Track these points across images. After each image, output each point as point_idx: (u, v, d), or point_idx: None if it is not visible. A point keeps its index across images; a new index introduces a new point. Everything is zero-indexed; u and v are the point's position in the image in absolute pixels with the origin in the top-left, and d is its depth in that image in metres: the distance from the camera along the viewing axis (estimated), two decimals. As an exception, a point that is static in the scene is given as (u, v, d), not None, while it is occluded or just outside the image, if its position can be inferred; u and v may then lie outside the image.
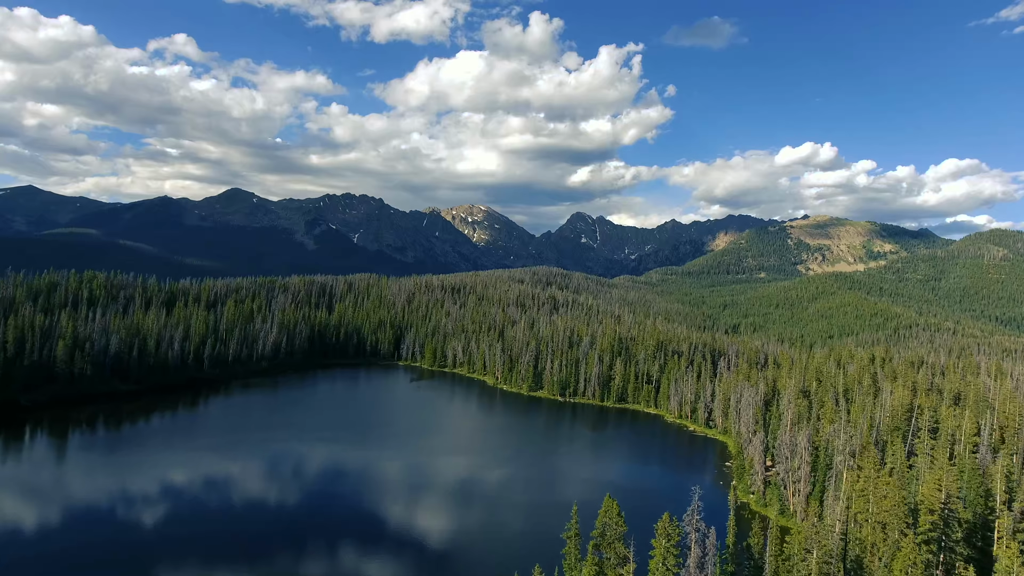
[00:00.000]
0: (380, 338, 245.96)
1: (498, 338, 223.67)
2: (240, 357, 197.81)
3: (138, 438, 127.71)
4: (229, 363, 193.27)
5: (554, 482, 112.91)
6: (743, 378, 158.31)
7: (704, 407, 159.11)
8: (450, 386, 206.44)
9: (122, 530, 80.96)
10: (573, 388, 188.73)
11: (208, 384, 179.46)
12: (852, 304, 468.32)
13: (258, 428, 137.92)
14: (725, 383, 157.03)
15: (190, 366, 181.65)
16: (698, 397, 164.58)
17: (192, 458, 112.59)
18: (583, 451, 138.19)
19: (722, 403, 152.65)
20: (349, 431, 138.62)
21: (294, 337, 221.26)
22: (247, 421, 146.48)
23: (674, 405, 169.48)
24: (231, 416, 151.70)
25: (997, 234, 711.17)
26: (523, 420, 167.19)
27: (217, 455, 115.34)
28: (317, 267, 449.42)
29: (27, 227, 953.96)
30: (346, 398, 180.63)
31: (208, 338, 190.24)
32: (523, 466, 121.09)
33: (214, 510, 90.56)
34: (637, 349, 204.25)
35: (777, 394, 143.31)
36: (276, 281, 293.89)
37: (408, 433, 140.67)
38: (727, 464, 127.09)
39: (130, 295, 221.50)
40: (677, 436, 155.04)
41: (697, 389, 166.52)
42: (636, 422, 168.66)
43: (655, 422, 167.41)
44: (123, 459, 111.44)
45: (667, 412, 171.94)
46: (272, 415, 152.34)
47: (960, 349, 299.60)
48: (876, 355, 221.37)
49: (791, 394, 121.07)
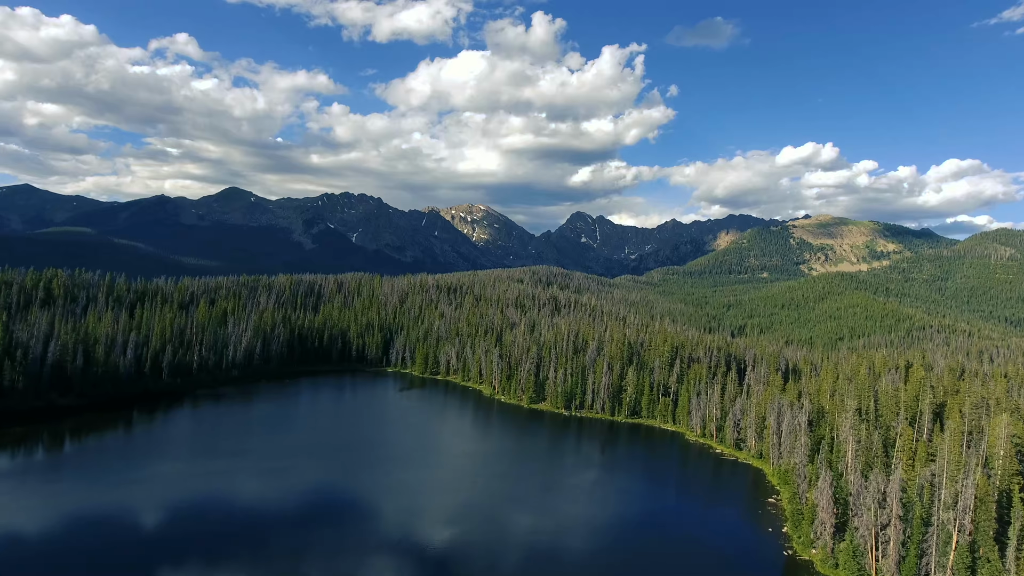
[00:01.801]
0: (368, 342, 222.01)
1: (495, 343, 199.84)
2: (207, 365, 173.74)
3: (47, 467, 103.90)
4: (194, 372, 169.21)
5: (560, 528, 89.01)
6: (777, 391, 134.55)
7: (733, 425, 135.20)
8: (442, 397, 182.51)
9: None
10: (579, 400, 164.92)
11: (167, 396, 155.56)
12: (861, 305, 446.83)
13: (200, 454, 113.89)
14: (759, 399, 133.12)
15: (146, 376, 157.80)
16: (725, 413, 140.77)
17: (92, 496, 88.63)
18: (594, 482, 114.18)
19: (755, 422, 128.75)
20: (310, 459, 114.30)
21: (271, 341, 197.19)
22: (190, 444, 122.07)
23: (696, 422, 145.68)
24: (175, 438, 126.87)
25: (1003, 233, 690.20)
26: (523, 441, 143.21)
27: (126, 493, 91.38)
28: (314, 266, 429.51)
29: (23, 226, 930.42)
30: (319, 412, 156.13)
31: (169, 344, 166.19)
32: (521, 505, 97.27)
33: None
34: (650, 356, 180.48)
35: (823, 413, 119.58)
36: (260, 280, 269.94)
37: (383, 462, 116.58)
38: (771, 500, 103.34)
39: (93, 295, 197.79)
40: (701, 459, 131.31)
41: (723, 404, 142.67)
42: (652, 441, 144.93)
43: (674, 441, 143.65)
44: (28, 490, 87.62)
45: (688, 429, 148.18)
46: (225, 436, 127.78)
47: (986, 354, 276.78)
48: (912, 362, 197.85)
49: (850, 419, 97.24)
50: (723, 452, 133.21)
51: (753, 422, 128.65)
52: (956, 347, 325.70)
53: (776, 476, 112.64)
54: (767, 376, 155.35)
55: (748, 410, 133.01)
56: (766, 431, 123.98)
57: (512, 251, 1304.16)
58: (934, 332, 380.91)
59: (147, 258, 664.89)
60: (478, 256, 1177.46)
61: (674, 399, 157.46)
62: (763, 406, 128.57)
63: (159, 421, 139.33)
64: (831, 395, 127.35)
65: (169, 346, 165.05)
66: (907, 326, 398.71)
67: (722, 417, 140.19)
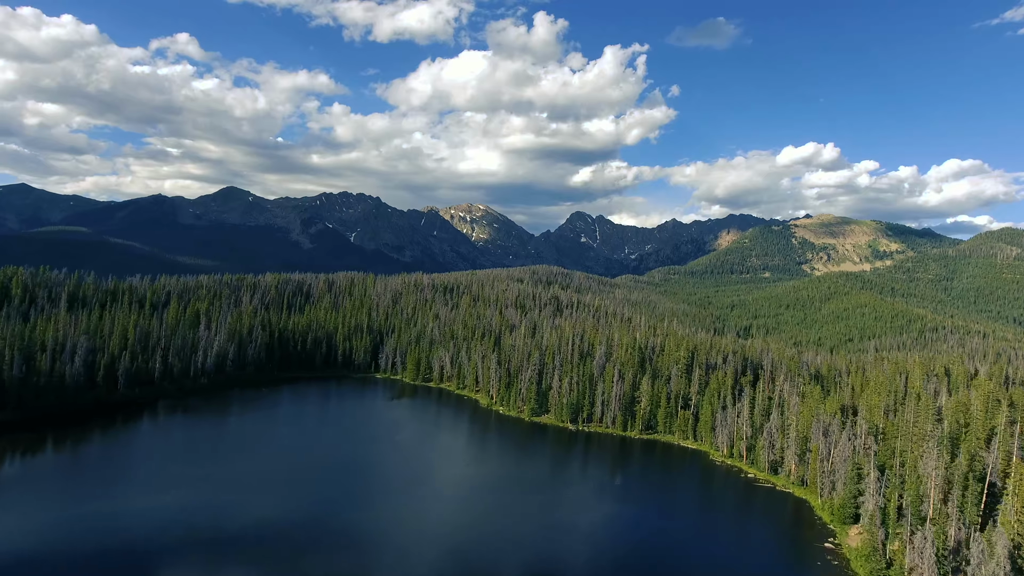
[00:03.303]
0: (355, 345, 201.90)
1: (494, 347, 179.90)
2: (172, 372, 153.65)
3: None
4: (156, 381, 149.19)
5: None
6: (816, 403, 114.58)
7: (767, 444, 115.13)
8: (435, 408, 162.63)
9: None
10: (587, 413, 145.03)
11: (124, 409, 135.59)
12: (869, 305, 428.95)
13: (138, 484, 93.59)
14: (796, 414, 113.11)
15: (99, 386, 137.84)
16: (757, 430, 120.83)
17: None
18: (607, 519, 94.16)
19: (796, 442, 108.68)
20: (268, 490, 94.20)
21: (247, 345, 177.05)
22: (127, 471, 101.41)
23: (722, 439, 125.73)
24: (112, 463, 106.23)
25: (1009, 232, 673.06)
26: (523, 463, 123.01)
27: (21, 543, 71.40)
28: (312, 266, 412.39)
29: (19, 225, 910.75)
30: (292, 428, 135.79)
31: (127, 350, 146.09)
32: (520, 552, 77.38)
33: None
34: (664, 362, 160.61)
35: (880, 433, 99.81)
36: (245, 279, 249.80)
37: (358, 495, 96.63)
38: (827, 545, 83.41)
39: (56, 295, 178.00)
40: (732, 486, 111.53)
41: (754, 419, 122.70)
42: (672, 462, 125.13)
43: (696, 461, 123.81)
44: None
45: (712, 448, 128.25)
46: (174, 459, 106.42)
47: (1004, 356, 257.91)
48: (951, 368, 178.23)
49: (933, 451, 77.39)
50: (756, 477, 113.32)
51: (793, 443, 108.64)
52: (972, 349, 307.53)
53: (828, 511, 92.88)
54: (799, 385, 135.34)
55: (786, 428, 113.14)
56: (810, 454, 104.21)
57: (512, 251, 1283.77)
58: (947, 333, 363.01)
59: (142, 258, 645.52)
60: (477, 256, 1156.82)
61: (695, 412, 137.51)
62: (805, 423, 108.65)
63: (100, 440, 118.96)
64: (886, 412, 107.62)
65: (127, 352, 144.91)
66: (918, 327, 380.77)
67: (753, 435, 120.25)
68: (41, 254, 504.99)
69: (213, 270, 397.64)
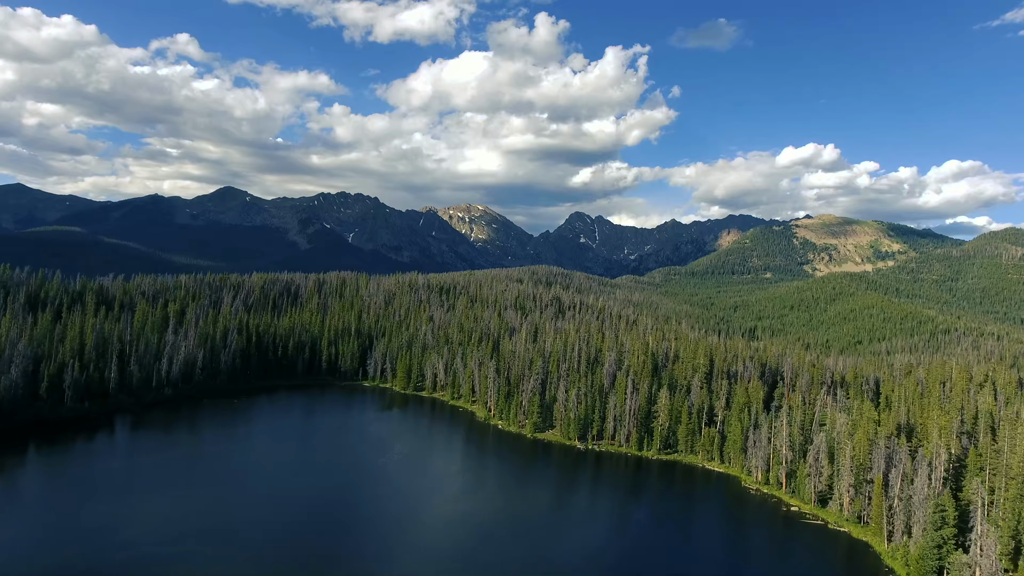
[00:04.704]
0: (342, 351, 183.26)
1: (492, 353, 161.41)
2: (130, 383, 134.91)
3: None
4: (111, 392, 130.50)
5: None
6: (870, 422, 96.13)
7: (813, 472, 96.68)
8: (427, 422, 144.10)
9: None
10: (598, 429, 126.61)
11: (73, 425, 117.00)
12: (877, 306, 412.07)
13: (51, 529, 75.14)
14: (853, 438, 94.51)
15: (42, 400, 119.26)
16: (799, 453, 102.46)
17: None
18: (626, 561, 75.78)
19: (851, 471, 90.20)
20: (214, 540, 75.98)
21: (219, 352, 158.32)
22: (40, 509, 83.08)
23: (756, 463, 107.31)
24: (27, 496, 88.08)
25: (1013, 233, 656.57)
26: (526, 494, 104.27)
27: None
28: (309, 266, 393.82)
29: (14, 225, 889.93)
30: (259, 450, 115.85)
31: (76, 357, 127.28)
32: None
33: None
34: (681, 370, 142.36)
35: (958, 465, 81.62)
36: (228, 278, 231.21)
37: (323, 547, 78.18)
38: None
39: (15, 295, 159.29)
40: (770, 519, 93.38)
41: (793, 438, 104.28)
42: (696, 488, 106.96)
43: (726, 488, 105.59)
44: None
45: (743, 472, 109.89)
46: (105, 493, 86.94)
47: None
48: (992, 376, 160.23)
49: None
50: (800, 510, 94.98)
51: (847, 471, 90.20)
52: (988, 352, 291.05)
53: (900, 561, 74.61)
54: (843, 399, 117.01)
55: (835, 451, 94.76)
56: (868, 484, 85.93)
57: (510, 251, 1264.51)
58: (960, 336, 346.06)
59: (137, 257, 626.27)
60: (476, 256, 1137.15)
61: (721, 430, 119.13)
62: (861, 448, 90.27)
63: (29, 465, 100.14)
64: (958, 435, 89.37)
65: (76, 360, 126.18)
66: (929, 329, 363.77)
67: (794, 459, 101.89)
68: (33, 254, 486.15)
69: (209, 270, 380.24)
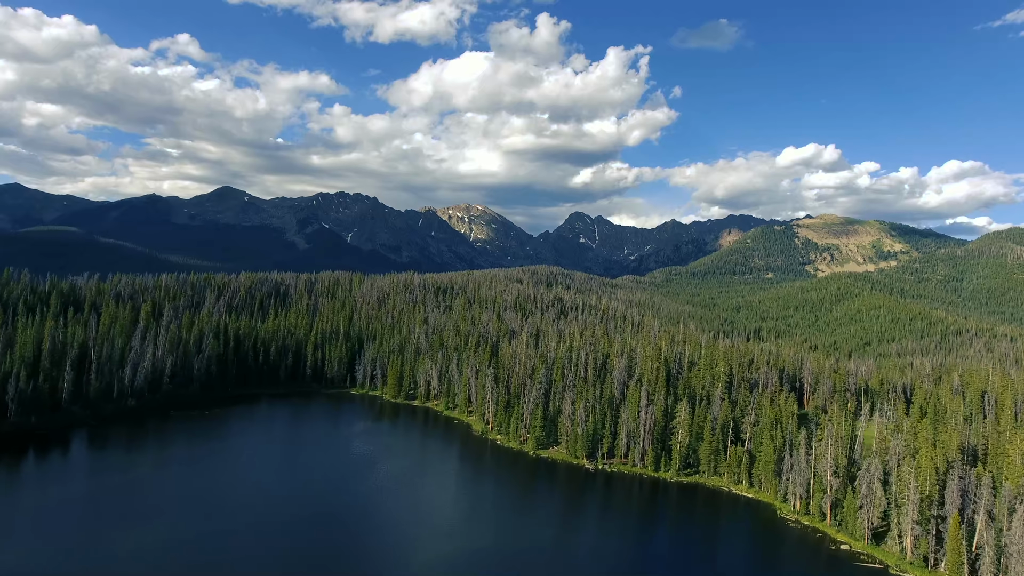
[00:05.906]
0: (329, 355, 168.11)
1: (490, 359, 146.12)
2: (86, 394, 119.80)
3: None
4: (64, 405, 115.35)
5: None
6: (927, 444, 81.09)
7: (867, 503, 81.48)
8: (419, 437, 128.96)
9: None
10: (608, 447, 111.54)
11: (18, 442, 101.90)
12: (884, 307, 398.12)
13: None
14: (915, 465, 79.31)
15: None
16: (846, 479, 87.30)
17: None
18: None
19: (915, 505, 75.15)
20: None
21: (191, 358, 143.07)
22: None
23: (793, 489, 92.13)
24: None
25: (1017, 232, 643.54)
26: (527, 530, 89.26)
27: None
28: (307, 267, 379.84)
29: (11, 225, 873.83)
30: (224, 473, 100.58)
31: (22, 366, 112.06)
32: None
33: None
34: (698, 379, 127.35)
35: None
36: (212, 278, 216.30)
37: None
38: None
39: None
40: (812, 558, 78.38)
41: (837, 460, 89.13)
42: (720, 515, 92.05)
43: (757, 518, 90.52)
44: None
45: (777, 499, 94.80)
46: (24, 536, 73.11)
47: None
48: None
49: None
50: (852, 548, 79.93)
51: (913, 505, 75.10)
52: (1003, 354, 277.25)
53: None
54: (890, 412, 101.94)
55: (896, 480, 79.66)
56: (938, 521, 70.97)
57: (510, 251, 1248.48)
58: (972, 337, 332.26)
59: (132, 257, 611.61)
60: (475, 256, 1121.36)
61: (748, 449, 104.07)
62: (927, 478, 75.25)
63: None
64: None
65: (23, 370, 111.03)
66: (939, 330, 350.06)
67: (841, 486, 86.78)
68: (28, 254, 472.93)
69: (206, 270, 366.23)
